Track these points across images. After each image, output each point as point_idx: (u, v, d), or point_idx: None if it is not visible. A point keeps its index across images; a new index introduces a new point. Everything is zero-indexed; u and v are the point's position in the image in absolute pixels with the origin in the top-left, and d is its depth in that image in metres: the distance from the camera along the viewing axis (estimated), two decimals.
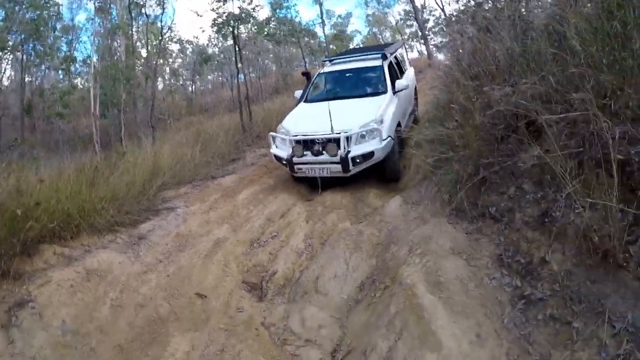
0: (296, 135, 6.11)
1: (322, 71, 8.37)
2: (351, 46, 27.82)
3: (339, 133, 5.73)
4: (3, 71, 23.44)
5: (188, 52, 29.60)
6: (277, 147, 6.42)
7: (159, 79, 23.09)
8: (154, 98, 16.97)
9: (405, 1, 26.67)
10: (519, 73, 3.33)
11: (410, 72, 9.13)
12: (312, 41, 26.15)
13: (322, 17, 25.04)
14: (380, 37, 37.18)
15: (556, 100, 2.76)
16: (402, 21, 30.21)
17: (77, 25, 23.13)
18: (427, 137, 4.30)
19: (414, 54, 31.40)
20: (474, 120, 3.40)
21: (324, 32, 25.94)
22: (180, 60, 30.72)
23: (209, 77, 35.55)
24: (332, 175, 5.92)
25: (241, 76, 18.26)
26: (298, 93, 7.97)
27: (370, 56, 7.81)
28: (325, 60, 9.26)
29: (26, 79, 21.82)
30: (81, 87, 22.46)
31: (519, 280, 2.50)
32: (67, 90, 20.55)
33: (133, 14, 17.58)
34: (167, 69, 28.85)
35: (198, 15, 20.42)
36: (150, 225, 5.21)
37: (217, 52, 26.82)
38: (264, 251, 4.49)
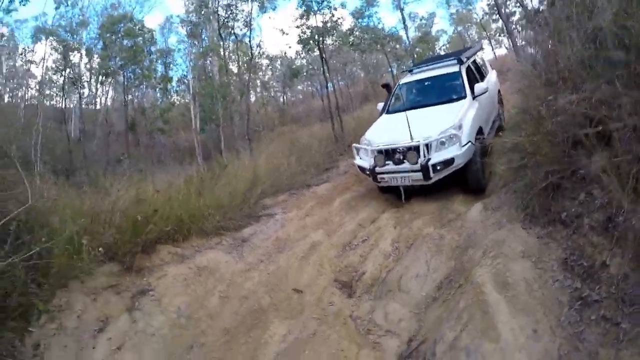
0: (378, 146, 6.29)
1: (401, 82, 8.51)
2: (437, 47, 27.56)
3: (419, 141, 5.83)
4: (106, 93, 26.19)
5: (277, 64, 30.74)
6: (360, 158, 6.64)
7: (251, 92, 24.30)
8: (248, 112, 18.21)
9: None
10: (588, 78, 3.47)
11: (492, 76, 8.94)
12: (397, 47, 26.12)
13: (404, 22, 24.87)
14: (466, 35, 35.86)
15: (622, 105, 2.90)
16: (487, 16, 28.90)
17: (170, 48, 25.22)
18: (506, 145, 4.48)
19: (502, 50, 29.98)
20: (544, 128, 3.59)
21: (407, 36, 25.74)
22: (270, 73, 31.84)
23: (299, 87, 36.57)
24: (414, 184, 6.00)
25: (330, 85, 18.84)
26: (380, 105, 8.19)
27: (447, 63, 7.83)
28: (405, 71, 9.51)
29: (127, 98, 24.28)
30: (178, 103, 24.48)
31: (579, 283, 2.70)
32: (166, 107, 22.60)
33: (223, 35, 18.86)
34: (258, 82, 29.95)
35: (283, 33, 21.44)
36: (252, 229, 5.95)
37: (305, 64, 27.44)
38: (355, 254, 4.96)
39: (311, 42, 16.81)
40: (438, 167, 5.74)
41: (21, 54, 24.55)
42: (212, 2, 18.84)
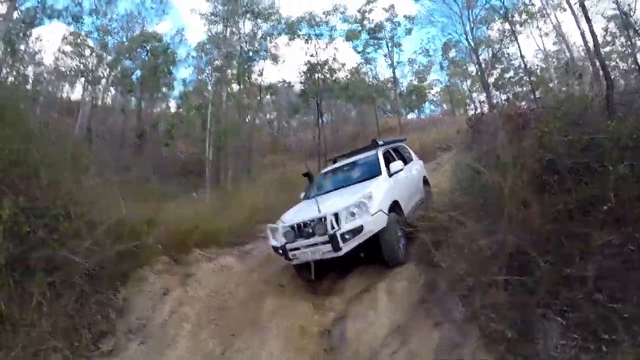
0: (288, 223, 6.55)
1: (322, 172, 9.19)
2: (430, 95, 32.93)
3: (326, 213, 6.02)
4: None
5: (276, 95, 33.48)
6: (275, 239, 6.70)
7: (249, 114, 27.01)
8: (250, 149, 20.85)
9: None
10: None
11: (416, 164, 9.36)
12: (386, 103, 29.64)
13: (394, 80, 28.36)
14: (460, 87, 40.23)
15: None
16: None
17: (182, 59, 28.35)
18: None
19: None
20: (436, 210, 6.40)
21: (396, 93, 29.17)
22: (269, 97, 34.16)
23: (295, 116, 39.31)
24: (324, 257, 6.13)
25: (322, 122, 22.03)
26: (302, 195, 8.46)
27: (366, 151, 8.30)
28: (329, 161, 10.17)
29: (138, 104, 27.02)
30: (188, 114, 27.21)
31: (427, 293, 5.40)
32: (174, 123, 25.09)
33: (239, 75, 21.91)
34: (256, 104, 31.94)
35: (290, 86, 24.77)
36: (252, 246, 8.80)
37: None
38: None
39: (309, 98, 19.99)
40: (347, 236, 5.89)
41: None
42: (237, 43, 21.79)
